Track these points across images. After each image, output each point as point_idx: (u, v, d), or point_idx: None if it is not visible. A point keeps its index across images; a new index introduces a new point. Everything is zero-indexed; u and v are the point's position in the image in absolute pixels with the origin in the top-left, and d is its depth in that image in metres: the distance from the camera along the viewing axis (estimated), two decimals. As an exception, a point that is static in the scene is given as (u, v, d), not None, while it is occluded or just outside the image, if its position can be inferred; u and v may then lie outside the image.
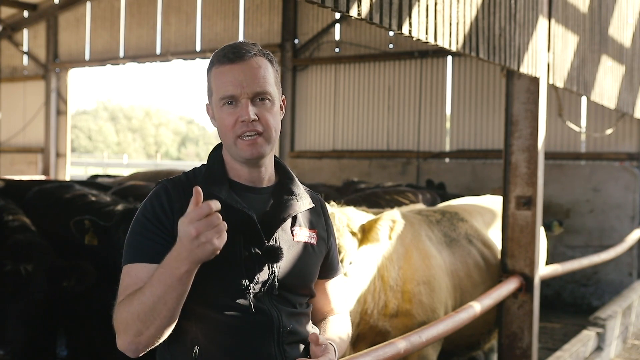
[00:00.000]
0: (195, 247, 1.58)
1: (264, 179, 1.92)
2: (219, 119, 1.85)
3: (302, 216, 1.95)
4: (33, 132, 14.71)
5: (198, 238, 1.57)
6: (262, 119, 1.82)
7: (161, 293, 1.64)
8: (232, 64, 1.82)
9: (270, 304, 1.83)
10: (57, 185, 5.74)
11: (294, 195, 1.93)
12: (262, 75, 1.83)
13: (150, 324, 1.67)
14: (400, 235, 3.58)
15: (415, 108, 10.77)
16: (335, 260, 2.08)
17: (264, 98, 1.83)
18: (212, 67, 1.88)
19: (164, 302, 1.65)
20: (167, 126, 53.67)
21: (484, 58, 3.74)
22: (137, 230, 1.81)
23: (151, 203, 1.84)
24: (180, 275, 1.63)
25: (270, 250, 1.82)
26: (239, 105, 1.81)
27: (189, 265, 1.62)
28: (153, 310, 1.65)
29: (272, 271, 1.83)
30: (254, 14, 11.95)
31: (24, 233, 4.22)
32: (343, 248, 3.31)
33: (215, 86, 1.85)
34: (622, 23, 6.76)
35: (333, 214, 3.35)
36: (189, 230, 1.57)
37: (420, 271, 3.91)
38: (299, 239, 1.91)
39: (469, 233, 4.62)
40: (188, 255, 1.60)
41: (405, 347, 3.04)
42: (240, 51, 1.83)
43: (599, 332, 5.77)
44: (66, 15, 14.25)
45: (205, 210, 1.56)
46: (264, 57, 1.87)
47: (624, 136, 9.29)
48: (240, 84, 1.80)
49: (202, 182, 1.85)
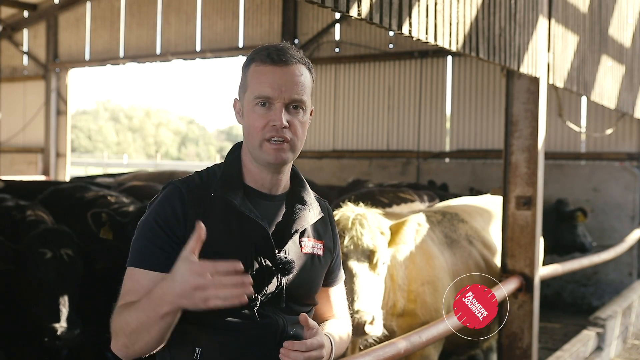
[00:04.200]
0: (184, 296, 1.54)
1: (280, 186, 1.89)
2: (249, 118, 1.81)
3: (311, 227, 1.92)
4: (33, 132, 14.70)
5: (193, 292, 1.53)
6: (292, 127, 1.78)
7: (144, 322, 1.63)
8: (274, 66, 1.78)
9: (274, 313, 1.81)
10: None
11: (306, 205, 1.90)
12: (301, 83, 1.80)
13: (135, 343, 1.67)
14: None
15: (415, 108, 10.77)
16: (338, 267, 2.06)
17: (297, 106, 1.80)
18: (252, 63, 1.82)
19: (147, 330, 1.64)
20: (167, 126, 53.67)
21: (484, 58, 3.74)
22: (146, 235, 1.77)
23: (163, 208, 1.78)
24: (162, 314, 1.60)
25: (282, 263, 1.79)
26: (273, 108, 1.78)
27: (171, 308, 1.59)
28: (137, 333, 1.65)
29: (281, 283, 1.81)
30: (254, 14, 11.94)
31: (45, 223, 4.32)
32: (378, 249, 3.38)
33: (252, 84, 1.80)
34: (622, 23, 6.76)
35: (364, 215, 3.40)
36: (189, 279, 1.53)
37: (424, 271, 3.94)
38: (306, 250, 1.89)
39: (469, 234, 4.64)
40: (173, 300, 1.57)
41: (406, 347, 3.05)
42: (285, 55, 1.79)
43: (599, 332, 5.77)
44: (66, 15, 14.24)
45: (222, 268, 1.53)
46: (305, 66, 1.84)
47: (624, 136, 9.29)
48: (279, 87, 1.77)
49: (218, 187, 1.82)
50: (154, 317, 1.61)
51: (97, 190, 5.54)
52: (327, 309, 2.05)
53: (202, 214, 1.76)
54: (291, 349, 1.71)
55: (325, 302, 2.04)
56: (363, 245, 3.38)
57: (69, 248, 3.88)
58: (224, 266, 1.54)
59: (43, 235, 3.91)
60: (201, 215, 1.75)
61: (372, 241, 3.40)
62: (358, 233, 3.39)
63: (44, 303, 3.71)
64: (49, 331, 3.61)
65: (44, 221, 4.40)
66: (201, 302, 1.53)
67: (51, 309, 3.67)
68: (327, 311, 2.05)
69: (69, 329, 3.63)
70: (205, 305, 1.53)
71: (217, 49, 12.28)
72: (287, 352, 1.72)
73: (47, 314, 3.67)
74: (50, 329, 3.61)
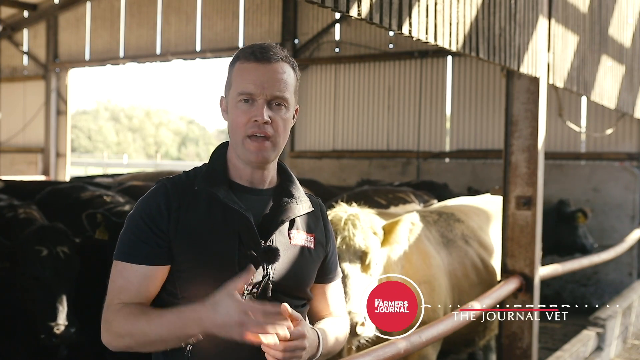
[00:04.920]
0: (225, 328, 1.63)
1: (266, 181, 1.93)
2: (232, 114, 1.86)
3: (300, 220, 1.94)
4: (33, 132, 14.71)
5: (236, 327, 1.62)
6: (274, 123, 1.82)
7: (165, 336, 1.71)
8: (257, 63, 1.83)
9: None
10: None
11: (294, 198, 1.93)
12: (284, 80, 1.84)
13: (142, 348, 1.75)
14: None
15: (415, 108, 10.77)
16: (334, 264, 2.06)
17: (280, 103, 1.84)
18: (237, 61, 1.88)
19: (165, 342, 1.73)
20: (167, 126, 53.66)
21: (484, 58, 3.74)
22: (132, 229, 1.84)
23: (147, 203, 1.85)
24: (190, 335, 1.70)
25: (266, 251, 1.82)
26: (255, 105, 1.82)
27: (203, 332, 1.68)
28: (152, 344, 1.74)
29: (267, 273, 1.83)
30: (254, 14, 11.94)
31: (37, 221, 4.32)
32: (370, 250, 3.36)
33: (236, 81, 1.85)
34: (622, 23, 6.76)
35: (357, 215, 3.39)
36: (234, 315, 1.62)
37: (421, 271, 3.93)
38: (295, 242, 1.91)
39: (466, 234, 4.64)
40: (210, 328, 1.66)
41: (406, 347, 3.04)
42: (269, 53, 1.84)
43: (599, 332, 5.77)
44: (66, 15, 14.24)
45: (271, 311, 1.62)
46: (289, 64, 1.88)
47: (624, 136, 9.30)
48: (261, 84, 1.81)
49: (201, 181, 1.87)
50: (179, 334, 1.70)
51: (94, 190, 5.54)
52: (323, 306, 2.05)
53: (185, 207, 1.83)
54: None
55: (322, 299, 2.04)
56: (355, 246, 3.37)
57: (65, 245, 3.88)
58: (270, 308, 1.62)
59: (39, 232, 3.90)
60: (184, 208, 1.82)
61: (365, 242, 3.38)
62: (350, 233, 3.38)
63: (40, 301, 3.71)
64: (46, 329, 3.61)
65: (35, 219, 4.39)
66: (238, 336, 1.63)
67: (47, 306, 3.67)
68: (324, 309, 2.05)
69: (66, 327, 3.63)
70: (240, 338, 1.63)
71: (217, 49, 12.28)
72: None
73: (43, 312, 3.67)
74: (46, 327, 3.61)
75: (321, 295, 2.04)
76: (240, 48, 1.93)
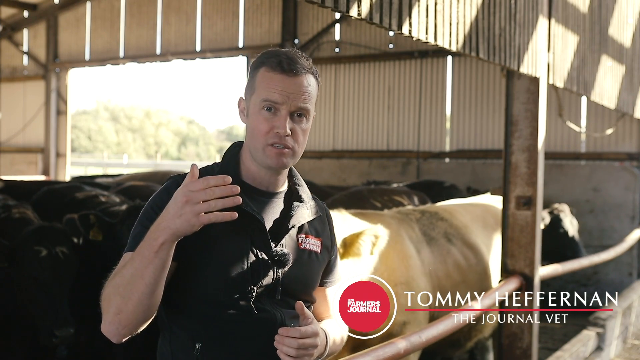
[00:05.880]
0: (177, 215, 1.60)
1: (278, 185, 1.94)
2: (254, 120, 1.85)
3: (308, 224, 1.96)
4: (33, 132, 14.71)
5: (184, 206, 1.59)
6: (294, 135, 1.84)
7: (139, 266, 1.65)
8: (284, 75, 1.83)
9: (271, 306, 1.85)
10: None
11: (304, 203, 1.95)
12: (309, 92, 1.86)
13: (128, 300, 1.66)
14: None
15: (415, 108, 10.77)
16: (336, 268, 2.09)
17: (302, 114, 1.86)
18: (261, 67, 1.87)
19: (141, 275, 1.64)
20: (167, 126, 53.65)
21: (484, 58, 3.74)
22: (142, 222, 1.82)
23: (160, 197, 1.84)
24: (158, 247, 1.63)
25: (278, 256, 1.84)
26: (278, 115, 1.83)
27: (167, 236, 1.62)
28: (131, 284, 1.65)
29: (277, 276, 1.85)
30: (254, 14, 11.94)
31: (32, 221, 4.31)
32: None
33: (260, 87, 1.85)
34: (622, 23, 6.76)
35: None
36: (178, 196, 1.60)
37: (398, 272, 3.90)
38: (304, 246, 1.93)
39: (448, 232, 4.60)
40: (167, 225, 1.61)
41: (406, 347, 3.05)
42: (296, 65, 1.85)
43: (599, 332, 5.77)
44: (66, 15, 14.25)
45: (212, 182, 1.58)
46: (313, 75, 1.90)
47: (624, 136, 9.30)
48: (287, 95, 1.82)
49: None
50: (148, 254, 1.63)
51: (90, 190, 5.54)
52: (324, 309, 2.07)
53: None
54: (285, 335, 1.75)
55: (323, 302, 2.06)
56: None
57: (63, 246, 3.87)
58: (213, 179, 1.59)
59: (38, 232, 3.89)
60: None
61: None
62: None
63: (38, 301, 3.70)
64: (44, 329, 3.61)
65: (29, 219, 4.39)
66: (194, 217, 1.58)
67: (46, 307, 3.67)
68: (324, 311, 2.07)
69: (64, 327, 3.62)
70: (199, 221, 1.59)
71: (217, 49, 12.28)
72: (282, 339, 1.75)
73: (42, 312, 3.67)
74: (45, 327, 3.61)
75: (323, 298, 2.06)
76: (263, 52, 1.91)
